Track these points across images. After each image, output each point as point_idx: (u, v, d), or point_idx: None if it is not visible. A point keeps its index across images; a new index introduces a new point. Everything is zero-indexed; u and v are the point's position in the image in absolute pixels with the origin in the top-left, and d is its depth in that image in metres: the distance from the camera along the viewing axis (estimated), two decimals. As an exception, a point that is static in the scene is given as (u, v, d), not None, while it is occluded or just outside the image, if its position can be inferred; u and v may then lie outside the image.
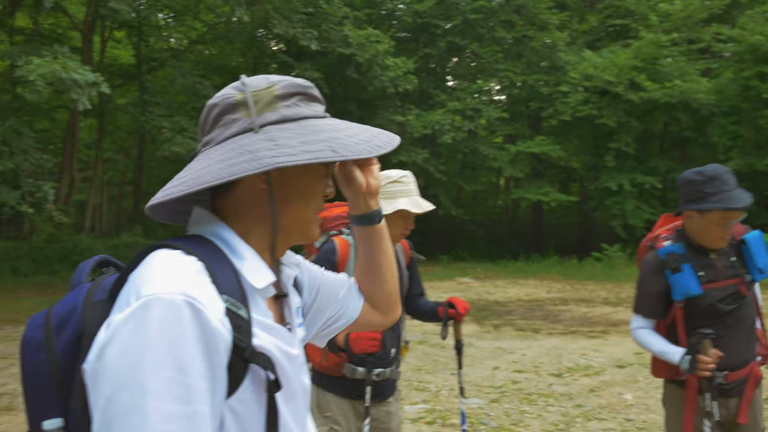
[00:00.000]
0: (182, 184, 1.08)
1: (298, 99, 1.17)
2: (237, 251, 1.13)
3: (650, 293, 3.01)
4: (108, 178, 27.85)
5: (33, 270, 15.98)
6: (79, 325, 1.06)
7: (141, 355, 0.91)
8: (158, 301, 0.94)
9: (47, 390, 1.06)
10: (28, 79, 12.07)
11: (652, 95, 21.29)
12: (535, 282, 17.81)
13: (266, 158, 1.05)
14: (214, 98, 1.18)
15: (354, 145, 1.13)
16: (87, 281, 1.16)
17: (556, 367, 7.96)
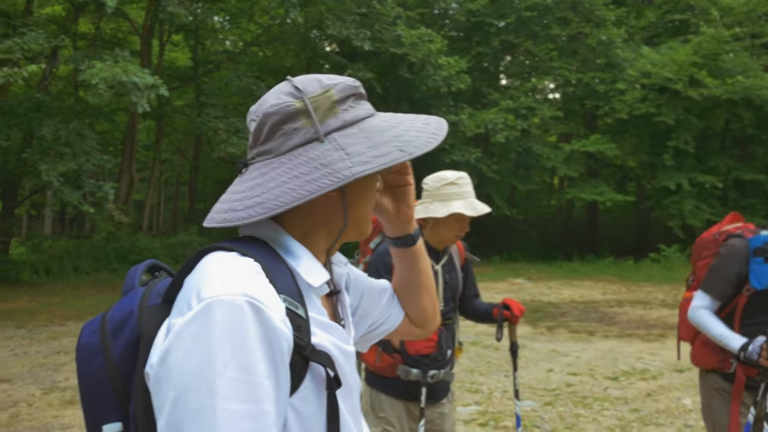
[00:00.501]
0: (258, 206, 1.05)
1: (353, 100, 1.16)
2: (291, 251, 1.13)
3: (729, 275, 3.00)
4: (165, 179, 28.50)
5: (94, 268, 16.45)
6: (135, 330, 1.06)
7: (206, 357, 0.91)
8: (220, 303, 0.94)
9: (106, 394, 1.06)
10: (90, 82, 12.43)
11: (712, 92, 20.72)
12: (589, 283, 17.52)
13: (343, 170, 1.04)
14: (270, 105, 1.13)
15: (415, 139, 1.12)
16: (139, 286, 1.16)
17: (611, 370, 7.82)
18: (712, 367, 3.10)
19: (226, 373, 0.91)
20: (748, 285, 2.96)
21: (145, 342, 1.03)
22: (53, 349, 8.49)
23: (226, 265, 1.01)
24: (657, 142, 23.03)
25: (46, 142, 13.76)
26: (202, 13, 17.73)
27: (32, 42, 12.29)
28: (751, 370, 2.99)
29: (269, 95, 1.16)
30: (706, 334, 3.03)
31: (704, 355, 3.13)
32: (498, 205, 23.55)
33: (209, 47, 22.56)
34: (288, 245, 1.14)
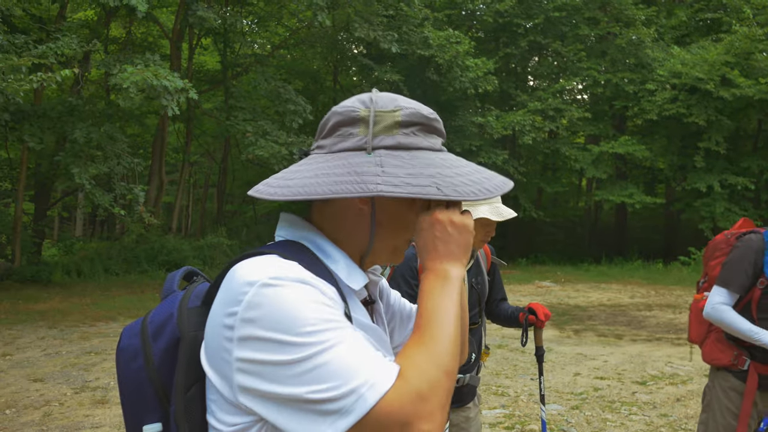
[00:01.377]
0: (288, 189, 1.09)
1: (418, 129, 1.15)
2: (329, 254, 1.15)
3: (746, 267, 3.03)
4: (194, 181, 28.78)
5: (124, 269, 16.67)
6: (175, 332, 1.10)
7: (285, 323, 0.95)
8: (276, 281, 0.98)
9: (146, 396, 1.09)
10: (121, 86, 12.62)
11: (745, 92, 20.38)
12: (618, 286, 17.34)
13: (369, 184, 1.05)
14: (341, 105, 1.18)
15: (462, 185, 1.09)
16: (178, 290, 1.20)
17: (639, 374, 7.73)
18: (725, 364, 3.11)
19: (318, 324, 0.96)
20: (762, 278, 3.01)
21: (184, 343, 1.08)
22: (84, 349, 8.63)
23: (269, 262, 1.04)
24: (687, 143, 22.73)
25: (78, 145, 14.00)
26: (231, 17, 17.89)
27: (65, 47, 12.52)
28: (764, 368, 3.01)
29: (349, 98, 1.20)
30: (730, 330, 3.03)
31: (717, 352, 3.15)
32: (525, 207, 23.41)
33: (238, 50, 22.75)
34: (325, 248, 1.15)
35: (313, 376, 0.93)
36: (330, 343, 0.95)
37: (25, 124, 14.04)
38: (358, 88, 26.91)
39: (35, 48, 12.31)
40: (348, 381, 0.93)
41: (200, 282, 1.22)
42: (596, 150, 22.96)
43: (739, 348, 3.08)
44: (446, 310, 1.06)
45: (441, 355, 1.00)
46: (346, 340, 0.97)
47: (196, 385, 1.07)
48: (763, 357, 3.00)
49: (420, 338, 1.02)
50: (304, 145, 17.42)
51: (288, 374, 0.94)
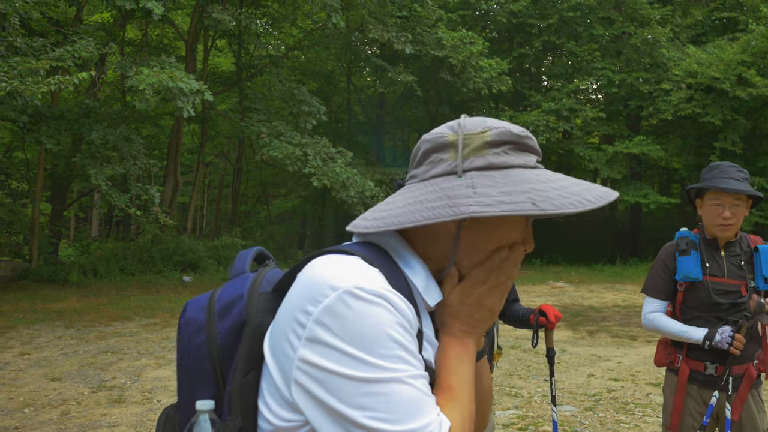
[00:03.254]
0: (380, 219, 1.08)
1: (509, 147, 1.12)
2: (410, 264, 1.13)
3: (660, 273, 3.26)
4: (208, 182, 28.95)
5: (139, 269, 16.80)
6: (242, 314, 1.09)
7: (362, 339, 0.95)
8: (361, 292, 0.97)
9: (204, 371, 1.09)
10: (137, 88, 12.75)
11: (762, 91, 20.23)
12: (632, 287, 17.26)
13: (462, 206, 1.03)
14: (430, 133, 1.17)
15: (558, 198, 1.05)
16: (249, 272, 1.19)
17: (654, 376, 7.71)
18: (663, 364, 3.32)
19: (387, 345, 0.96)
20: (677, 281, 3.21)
21: (250, 327, 1.08)
22: (101, 349, 8.72)
23: (350, 263, 1.03)
24: (703, 143, 22.60)
25: (94, 146, 14.15)
26: (246, 19, 17.99)
27: (82, 50, 12.65)
28: (697, 364, 3.16)
29: (440, 126, 1.18)
30: (665, 334, 3.21)
31: (659, 354, 3.35)
32: (539, 207, 23.33)
33: (252, 52, 22.88)
34: (406, 257, 1.14)
35: (376, 401, 0.93)
36: (401, 374, 0.95)
37: (43, 126, 14.20)
38: (372, 89, 26.97)
39: (53, 51, 12.44)
40: (409, 420, 0.93)
41: (272, 267, 1.22)
42: (611, 150, 22.88)
43: (671, 347, 3.27)
44: (471, 378, 1.10)
45: (470, 419, 1.06)
46: (416, 378, 0.97)
47: (254, 371, 1.07)
48: (694, 353, 3.15)
49: (455, 399, 1.05)
50: (318, 146, 17.49)
51: (350, 391, 0.93)
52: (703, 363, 3.12)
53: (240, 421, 1.05)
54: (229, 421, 1.05)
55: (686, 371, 3.18)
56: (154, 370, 7.53)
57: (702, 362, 3.13)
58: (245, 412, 1.05)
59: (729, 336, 2.97)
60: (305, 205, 28.32)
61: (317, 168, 16.93)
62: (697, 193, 3.20)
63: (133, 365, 7.78)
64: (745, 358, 3.14)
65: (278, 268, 1.20)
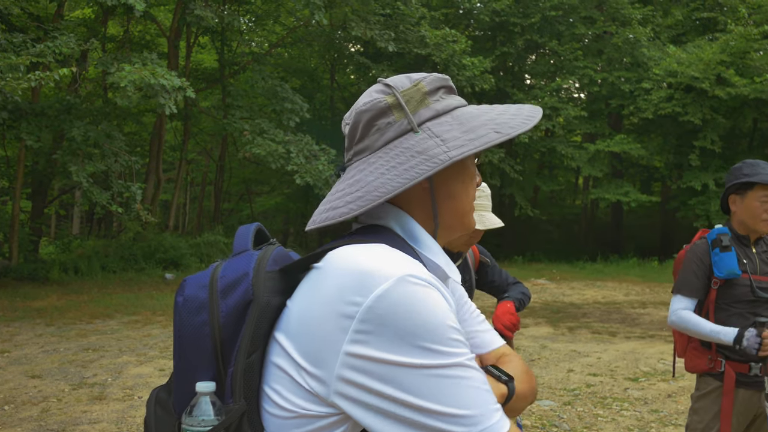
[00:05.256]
0: (359, 200, 1.06)
1: (443, 92, 1.16)
2: (426, 244, 1.13)
3: (695, 272, 3.15)
4: (191, 179, 28.83)
5: (121, 267, 16.71)
6: (248, 293, 1.04)
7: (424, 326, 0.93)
8: (415, 279, 0.96)
9: (204, 352, 1.04)
10: (119, 85, 12.66)
11: (740, 91, 20.49)
12: (613, 284, 17.43)
13: (439, 156, 1.04)
14: (362, 104, 1.14)
15: (510, 120, 1.10)
16: (252, 249, 1.14)
17: (632, 371, 7.82)
18: (704, 369, 3.20)
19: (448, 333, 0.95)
20: (714, 277, 3.12)
21: (257, 306, 1.03)
22: (82, 347, 8.69)
23: (397, 255, 1.01)
24: (683, 141, 22.85)
25: (75, 143, 14.04)
26: (229, 15, 17.93)
27: (63, 46, 12.56)
28: (741, 366, 3.09)
29: (361, 97, 1.17)
30: (694, 333, 3.11)
31: (695, 359, 3.24)
32: (521, 205, 23.52)
33: (235, 49, 22.80)
34: (420, 238, 1.13)
35: (447, 387, 0.92)
36: (463, 358, 0.95)
37: (23, 123, 14.07)
38: (356, 87, 26.97)
39: (33, 47, 12.35)
40: (480, 408, 0.93)
41: (277, 245, 1.17)
42: (592, 148, 23.06)
43: (708, 350, 3.18)
44: None
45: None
46: (473, 359, 0.97)
47: (258, 352, 1.03)
48: (736, 356, 3.08)
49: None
50: (301, 143, 17.48)
51: (418, 381, 0.91)
52: (748, 364, 3.06)
53: (244, 404, 1.02)
54: (231, 404, 1.02)
55: (732, 375, 3.08)
56: (136, 367, 7.52)
57: (746, 363, 3.07)
58: (249, 395, 1.02)
59: (755, 341, 2.91)
60: (288, 203, 28.30)
61: (300, 165, 16.92)
62: (738, 189, 3.13)
63: (114, 362, 7.77)
64: None
65: (282, 247, 1.16)
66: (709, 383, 3.19)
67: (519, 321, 3.17)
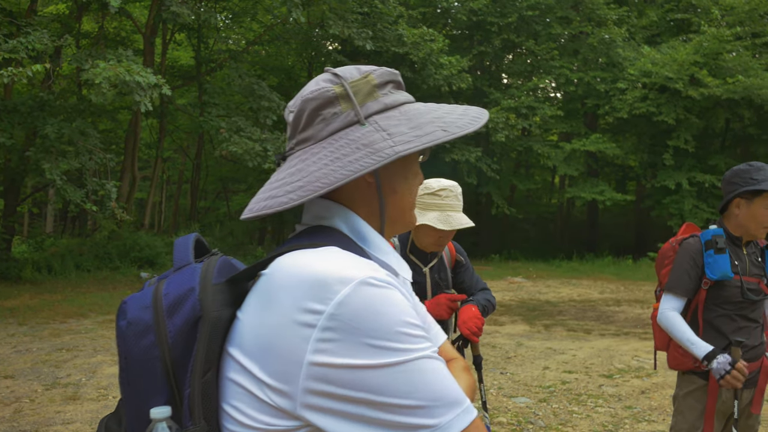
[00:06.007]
0: (300, 189, 1.03)
1: (393, 86, 1.14)
2: (376, 244, 1.12)
3: (688, 270, 3.14)
4: (167, 177, 28.61)
5: (95, 266, 16.54)
6: (196, 309, 0.99)
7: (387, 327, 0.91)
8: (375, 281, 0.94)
9: (155, 376, 0.99)
10: (93, 82, 12.51)
11: (713, 91, 20.80)
12: (588, 282, 17.60)
13: (385, 150, 1.02)
14: (309, 92, 1.11)
15: (458, 120, 1.09)
16: (194, 262, 1.08)
17: (607, 368, 7.90)
18: (689, 367, 3.20)
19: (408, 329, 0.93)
20: (705, 278, 3.12)
21: (206, 322, 0.98)
22: (55, 346, 8.59)
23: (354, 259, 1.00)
24: (657, 141, 23.13)
25: (49, 140, 13.85)
26: (205, 12, 17.79)
27: (36, 41, 12.38)
28: None
29: (308, 84, 1.14)
30: (672, 336, 3.13)
31: (680, 357, 3.23)
32: (498, 204, 23.66)
33: (212, 46, 22.66)
34: (369, 237, 1.12)
35: (412, 380, 0.91)
36: (428, 351, 0.94)
37: (-5, 119, 13.87)
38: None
39: (5, 43, 12.16)
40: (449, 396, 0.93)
41: (219, 255, 1.11)
42: (568, 148, 23.26)
43: None
44: None
45: None
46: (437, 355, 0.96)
47: (213, 370, 0.98)
48: None
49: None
50: (278, 141, 17.41)
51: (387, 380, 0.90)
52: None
53: (204, 425, 0.97)
54: (191, 427, 0.97)
55: None
56: (110, 367, 7.45)
57: None
58: (208, 416, 0.97)
59: (725, 368, 2.91)
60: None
61: (277, 164, 16.84)
62: (746, 194, 3.09)
63: (88, 362, 7.69)
64: (759, 353, 3.17)
65: (225, 257, 1.12)
66: (694, 381, 3.20)
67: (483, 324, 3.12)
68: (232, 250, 20.16)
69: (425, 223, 2.90)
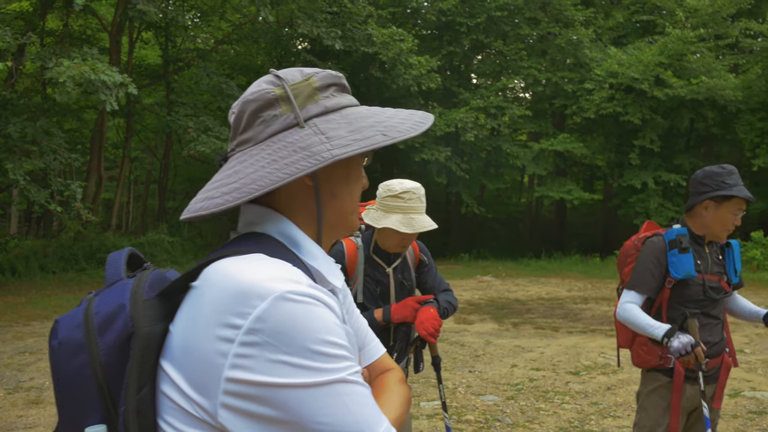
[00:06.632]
0: (236, 191, 1.02)
1: (335, 89, 1.14)
2: (308, 249, 1.11)
3: (651, 270, 3.18)
4: (134, 177, 28.26)
5: (61, 267, 16.29)
6: (128, 325, 0.98)
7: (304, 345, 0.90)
8: (294, 296, 0.93)
9: (89, 395, 0.97)
10: (58, 80, 12.32)
11: (678, 92, 21.14)
12: (556, 280, 17.78)
13: (322, 153, 1.02)
14: (250, 94, 1.12)
15: (399, 125, 1.09)
16: (126, 277, 1.07)
17: (574, 365, 8.00)
18: (653, 365, 3.26)
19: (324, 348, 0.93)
20: (669, 277, 3.17)
21: (139, 338, 0.97)
22: (18, 349, 8.44)
23: (275, 268, 0.98)
24: (624, 141, 23.43)
25: (12, 140, 13.61)
26: (173, 11, 17.62)
27: (-2, 39, 12.15)
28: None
29: (251, 86, 1.14)
30: (632, 326, 3.16)
31: (644, 354, 3.29)
32: (467, 203, 23.77)
33: (180, 45, 22.43)
34: (299, 240, 1.11)
35: (331, 405, 0.90)
36: (345, 373, 0.93)
37: (-44, 119, 13.59)
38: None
39: (-34, 40, 11.92)
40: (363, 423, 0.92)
41: (152, 270, 1.09)
42: (537, 147, 23.45)
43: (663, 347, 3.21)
44: None
45: None
46: (357, 373, 0.95)
47: (149, 386, 0.97)
48: None
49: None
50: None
51: (302, 401, 0.89)
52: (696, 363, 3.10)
53: None
54: None
55: (682, 371, 3.15)
56: (76, 370, 7.34)
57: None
58: (145, 429, 0.96)
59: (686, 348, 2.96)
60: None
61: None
62: (716, 197, 3.11)
63: (53, 365, 7.56)
64: (720, 349, 3.24)
65: (158, 270, 1.10)
66: (658, 379, 3.25)
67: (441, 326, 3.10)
68: (201, 251, 19.99)
69: (388, 227, 2.90)
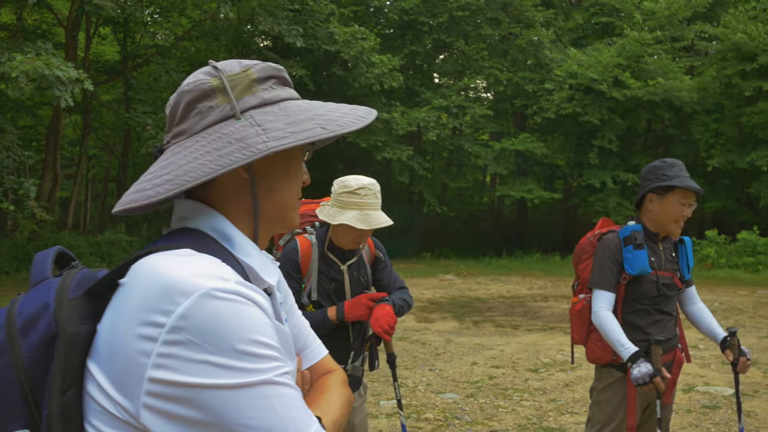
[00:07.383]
0: (167, 183, 1.00)
1: (274, 82, 1.12)
2: (240, 245, 1.09)
3: (610, 268, 3.22)
4: (92, 175, 27.73)
5: (14, 267, 15.91)
6: (52, 326, 0.94)
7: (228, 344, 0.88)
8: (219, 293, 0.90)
9: (11, 399, 0.94)
10: (10, 75, 12.02)
11: (635, 93, 21.50)
12: (517, 279, 17.94)
13: (258, 145, 1.00)
14: (186, 85, 1.10)
15: (339, 118, 1.08)
16: (52, 277, 1.04)
17: (533, 362, 8.07)
18: (607, 361, 3.31)
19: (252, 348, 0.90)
20: (624, 273, 3.21)
21: (64, 339, 0.94)
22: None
23: (201, 264, 0.96)
24: (583, 141, 23.77)
25: (-38, 136, 13.26)
26: (132, 6, 17.30)
27: (-53, 32, 11.82)
28: None
29: (188, 77, 1.12)
30: (604, 336, 3.19)
31: (599, 351, 3.33)
32: (429, 202, 23.86)
33: (139, 41, 22.05)
34: (233, 236, 1.09)
35: (252, 405, 0.88)
36: (273, 374, 0.91)
37: None
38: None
39: None
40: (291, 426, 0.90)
41: (79, 269, 1.07)
42: (498, 147, 23.62)
43: None
44: None
45: None
46: (286, 374, 0.93)
47: (74, 388, 0.94)
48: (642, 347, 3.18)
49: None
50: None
51: (226, 402, 0.87)
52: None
53: None
54: None
55: None
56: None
57: None
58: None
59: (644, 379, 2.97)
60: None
61: (206, 161, 16.53)
62: (657, 189, 3.19)
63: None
64: (672, 345, 3.29)
65: (87, 269, 1.08)
66: (612, 374, 3.29)
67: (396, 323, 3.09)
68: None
69: (344, 223, 2.88)
